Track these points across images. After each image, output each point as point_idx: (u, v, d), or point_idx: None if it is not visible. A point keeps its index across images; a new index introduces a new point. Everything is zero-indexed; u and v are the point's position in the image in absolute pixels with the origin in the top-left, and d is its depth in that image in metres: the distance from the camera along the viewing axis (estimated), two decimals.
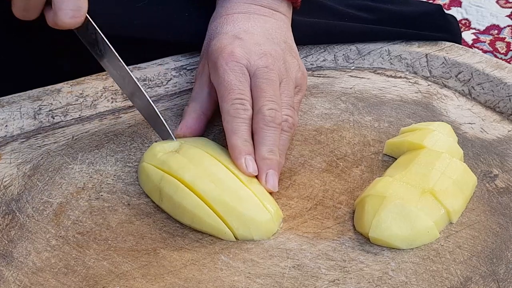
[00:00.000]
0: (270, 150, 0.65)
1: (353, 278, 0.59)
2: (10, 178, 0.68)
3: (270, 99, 0.66)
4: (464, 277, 0.59)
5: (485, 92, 0.79)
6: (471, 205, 0.66)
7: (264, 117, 0.65)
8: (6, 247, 0.61)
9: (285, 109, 0.68)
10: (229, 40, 0.69)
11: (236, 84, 0.66)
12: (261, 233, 0.62)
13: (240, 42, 0.69)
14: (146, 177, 0.66)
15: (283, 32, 0.73)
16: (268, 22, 0.72)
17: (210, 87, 0.71)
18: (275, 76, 0.68)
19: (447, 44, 0.85)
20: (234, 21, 0.72)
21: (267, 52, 0.69)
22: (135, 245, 0.62)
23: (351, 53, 0.85)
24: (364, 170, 0.70)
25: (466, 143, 0.73)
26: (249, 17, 0.72)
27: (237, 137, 0.65)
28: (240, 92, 0.66)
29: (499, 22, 1.32)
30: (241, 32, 0.70)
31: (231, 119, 0.66)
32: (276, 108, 0.66)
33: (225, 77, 0.67)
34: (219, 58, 0.68)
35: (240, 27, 0.71)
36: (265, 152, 0.65)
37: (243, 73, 0.67)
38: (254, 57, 0.68)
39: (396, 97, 0.80)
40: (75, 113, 0.76)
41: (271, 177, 0.65)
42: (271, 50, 0.69)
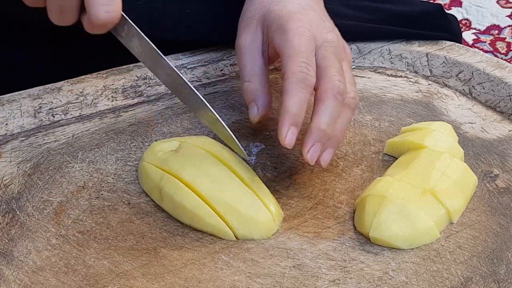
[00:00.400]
0: (328, 122, 0.63)
1: (354, 278, 0.59)
2: (10, 177, 0.68)
3: (339, 72, 0.65)
4: (464, 277, 0.59)
5: (486, 92, 0.79)
6: (472, 205, 0.66)
7: (334, 87, 0.63)
8: (6, 246, 0.61)
9: (350, 86, 0.67)
10: (297, 8, 0.68)
11: (307, 47, 0.65)
12: (261, 233, 0.62)
13: (307, 13, 0.68)
14: (146, 177, 0.66)
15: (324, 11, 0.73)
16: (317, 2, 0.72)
17: (265, 57, 0.69)
18: (339, 52, 0.67)
19: (447, 44, 0.85)
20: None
21: (331, 29, 0.68)
22: (136, 244, 0.62)
23: (351, 52, 0.84)
24: (365, 169, 0.70)
25: (467, 142, 0.73)
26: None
27: (294, 102, 0.62)
28: (308, 57, 0.64)
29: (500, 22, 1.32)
30: (305, 6, 0.69)
31: (295, 81, 0.63)
32: (344, 81, 0.64)
33: (295, 39, 0.65)
34: (289, 21, 0.66)
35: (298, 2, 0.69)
36: (323, 123, 0.63)
37: (311, 41, 0.66)
38: (322, 30, 0.67)
39: (397, 96, 0.80)
40: (76, 111, 0.76)
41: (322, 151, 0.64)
42: (331, 28, 0.69)
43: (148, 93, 0.78)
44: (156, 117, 0.76)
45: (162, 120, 0.75)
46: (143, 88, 0.79)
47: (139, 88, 0.78)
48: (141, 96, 0.78)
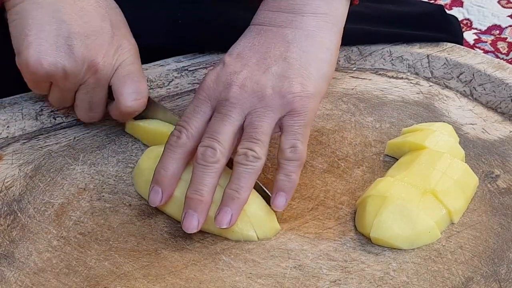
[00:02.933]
0: (194, 189, 0.60)
1: (355, 279, 0.59)
2: (12, 179, 0.68)
3: (211, 135, 0.61)
4: (465, 277, 0.59)
5: (487, 93, 0.79)
6: (473, 205, 0.66)
7: (197, 153, 0.61)
8: (7, 247, 0.61)
9: (245, 142, 0.61)
10: (217, 64, 0.66)
11: (188, 112, 0.64)
12: (264, 232, 0.62)
13: (220, 68, 0.64)
14: (146, 182, 0.65)
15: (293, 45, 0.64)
16: (277, 36, 0.65)
17: None
18: (233, 111, 0.62)
19: (448, 45, 0.85)
20: (243, 37, 0.67)
21: (236, 82, 0.62)
22: (137, 246, 0.62)
23: (352, 54, 0.85)
24: (366, 170, 0.70)
25: (468, 143, 0.73)
26: (260, 32, 0.66)
27: (158, 164, 0.63)
28: (185, 120, 0.63)
29: (501, 22, 1.32)
30: (233, 55, 0.65)
31: (167, 143, 0.63)
32: (211, 145, 0.61)
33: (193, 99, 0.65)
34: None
35: (239, 46, 0.66)
36: (188, 191, 0.61)
37: (202, 103, 0.64)
38: (220, 88, 0.63)
39: (398, 98, 0.80)
40: None
41: (186, 219, 0.60)
42: (243, 80, 0.63)
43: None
44: None
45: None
46: None
47: None
48: None
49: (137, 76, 0.69)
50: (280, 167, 0.63)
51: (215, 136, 0.61)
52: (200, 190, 0.60)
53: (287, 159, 0.62)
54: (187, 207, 0.60)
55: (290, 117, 0.63)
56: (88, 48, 0.66)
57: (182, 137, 0.63)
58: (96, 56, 0.66)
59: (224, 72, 0.64)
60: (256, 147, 0.61)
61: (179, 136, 0.63)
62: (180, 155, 0.62)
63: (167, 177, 0.62)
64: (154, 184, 0.62)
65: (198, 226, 0.60)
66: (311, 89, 0.63)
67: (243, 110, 0.62)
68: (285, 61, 0.64)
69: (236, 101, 0.62)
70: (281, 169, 0.62)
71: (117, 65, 0.67)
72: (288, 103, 0.62)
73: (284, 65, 0.64)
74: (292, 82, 0.63)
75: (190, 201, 0.60)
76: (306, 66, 0.64)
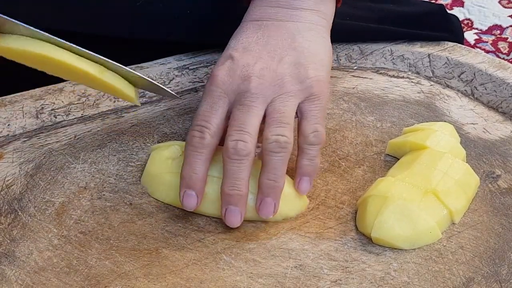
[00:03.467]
0: (231, 184, 0.61)
1: (355, 279, 0.59)
2: (12, 177, 0.68)
3: (238, 128, 0.61)
4: (466, 278, 0.59)
5: (488, 93, 0.79)
6: (474, 205, 0.66)
7: (227, 149, 0.61)
8: (8, 246, 0.61)
9: (274, 128, 0.62)
10: (223, 60, 0.65)
11: (205, 110, 0.63)
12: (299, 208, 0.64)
13: (230, 63, 0.65)
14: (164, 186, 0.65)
15: (298, 36, 0.66)
16: (280, 29, 0.67)
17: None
18: (255, 102, 0.62)
19: (449, 44, 0.85)
20: (242, 33, 0.68)
21: (253, 74, 0.63)
22: (137, 245, 0.62)
23: (353, 53, 0.85)
24: (367, 170, 0.70)
25: (469, 143, 0.73)
26: (260, 26, 0.67)
27: (185, 167, 0.62)
28: (204, 118, 0.63)
29: (502, 22, 1.32)
30: (239, 49, 0.66)
31: (186, 146, 0.63)
32: (242, 138, 0.61)
33: (202, 100, 0.64)
34: (208, 79, 0.65)
35: (243, 42, 0.66)
36: (225, 187, 0.61)
37: (219, 99, 0.63)
38: (237, 81, 0.63)
39: (399, 97, 0.80)
40: (78, 112, 0.76)
41: (229, 214, 0.62)
42: (260, 70, 0.64)
43: (150, 94, 0.78)
44: (158, 118, 0.76)
45: (164, 121, 0.75)
46: None
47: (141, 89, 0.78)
48: (143, 97, 0.78)
49: None
50: (303, 152, 0.64)
51: (243, 128, 0.61)
52: (238, 185, 0.61)
53: (310, 144, 0.64)
54: (227, 203, 0.61)
55: (309, 102, 0.64)
56: None
57: (206, 137, 0.62)
58: None
59: (236, 65, 0.64)
60: (286, 131, 0.62)
61: (202, 137, 0.62)
62: (206, 156, 0.62)
63: (199, 180, 0.62)
64: (186, 189, 0.62)
65: (241, 220, 0.62)
66: (324, 74, 0.66)
67: (265, 99, 0.63)
68: (295, 50, 0.66)
69: (258, 91, 0.63)
70: (303, 154, 0.64)
71: None
72: (306, 88, 0.64)
73: (295, 54, 0.65)
74: (307, 68, 0.65)
75: (230, 198, 0.61)
76: (315, 54, 0.66)
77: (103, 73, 0.59)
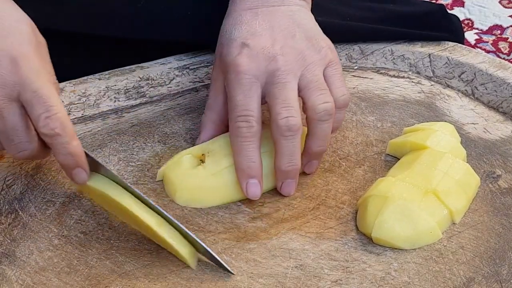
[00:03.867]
0: (288, 161, 0.64)
1: (356, 279, 0.59)
2: (13, 177, 0.68)
3: (284, 105, 0.63)
4: (467, 278, 0.59)
5: (488, 92, 0.79)
6: (474, 205, 0.66)
7: (278, 127, 0.63)
8: (9, 246, 0.61)
9: (318, 96, 0.65)
10: (238, 50, 0.66)
11: (241, 100, 0.64)
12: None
13: (247, 50, 0.66)
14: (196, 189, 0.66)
15: (296, 16, 0.70)
16: (277, 13, 0.69)
17: (225, 94, 0.69)
18: (288, 76, 0.65)
19: (450, 44, 0.85)
20: (242, 22, 0.69)
21: (277, 53, 0.66)
22: (138, 245, 0.62)
23: (354, 53, 0.85)
24: (367, 170, 0.70)
25: (469, 143, 0.73)
26: (257, 13, 0.69)
27: (240, 159, 0.64)
28: (244, 108, 0.64)
29: (502, 22, 1.32)
30: (248, 37, 0.67)
31: (234, 138, 0.64)
32: (291, 114, 0.63)
33: (231, 92, 0.65)
34: (229, 71, 0.66)
35: (247, 30, 0.68)
36: (282, 164, 0.64)
37: (251, 85, 0.65)
38: (263, 63, 0.65)
39: (399, 97, 0.80)
40: (78, 112, 0.76)
41: (286, 187, 0.66)
42: (280, 49, 0.66)
43: (150, 94, 0.78)
44: (158, 118, 0.76)
45: (165, 120, 0.75)
46: (146, 89, 0.79)
47: (142, 89, 0.79)
48: (144, 97, 0.78)
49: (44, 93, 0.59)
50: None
51: (288, 104, 0.64)
52: (294, 160, 0.64)
53: (340, 107, 0.67)
54: (284, 177, 0.65)
55: (330, 68, 0.68)
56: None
57: (254, 125, 0.64)
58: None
59: (255, 50, 0.66)
60: (328, 97, 0.65)
61: (250, 125, 0.64)
62: (257, 143, 0.64)
63: (258, 167, 0.64)
64: (249, 179, 0.64)
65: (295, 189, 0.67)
66: (330, 42, 0.70)
67: (295, 74, 0.65)
68: (300, 27, 0.69)
69: (287, 68, 0.65)
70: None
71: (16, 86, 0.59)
72: (325, 56, 0.68)
73: (301, 30, 0.69)
74: (317, 39, 0.69)
75: (288, 173, 0.65)
76: (314, 28, 0.70)
77: (161, 226, 0.59)
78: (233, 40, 0.68)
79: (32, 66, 0.59)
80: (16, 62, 0.58)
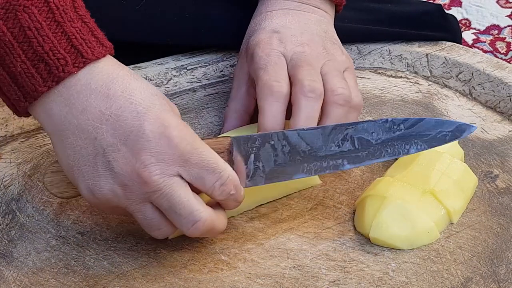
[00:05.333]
0: (304, 123, 0.63)
1: (354, 279, 0.59)
2: (10, 178, 0.68)
3: (309, 73, 0.65)
4: (464, 278, 0.59)
5: (486, 92, 0.79)
6: (472, 205, 0.66)
7: (303, 87, 0.64)
8: (6, 247, 0.61)
9: (338, 81, 0.66)
10: (267, 34, 0.69)
11: (271, 65, 0.66)
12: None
13: (277, 35, 0.69)
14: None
15: (323, 25, 0.73)
16: (308, 17, 0.72)
17: (249, 84, 0.70)
18: (313, 59, 0.67)
19: (447, 44, 0.85)
20: (272, 17, 0.72)
21: (304, 42, 0.69)
22: (135, 245, 0.62)
23: (351, 53, 0.84)
24: (365, 170, 0.70)
25: (467, 143, 0.73)
26: (288, 13, 0.72)
27: (265, 118, 0.64)
28: (275, 71, 0.65)
29: (499, 22, 1.32)
30: (278, 27, 0.70)
31: (263, 96, 0.64)
32: (316, 79, 0.65)
33: (260, 62, 0.66)
34: (256, 48, 0.68)
35: (277, 22, 0.71)
36: (300, 121, 0.63)
37: (279, 57, 0.67)
38: (291, 46, 0.68)
39: (397, 97, 0.80)
40: None
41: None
42: (308, 40, 0.69)
43: None
44: None
45: None
46: None
47: None
48: None
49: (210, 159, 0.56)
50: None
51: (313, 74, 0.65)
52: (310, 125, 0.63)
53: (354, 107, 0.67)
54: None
55: (348, 73, 0.69)
56: (124, 157, 0.55)
57: (284, 86, 0.65)
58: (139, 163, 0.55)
59: (286, 36, 0.69)
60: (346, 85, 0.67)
61: (281, 86, 0.65)
62: (284, 107, 0.65)
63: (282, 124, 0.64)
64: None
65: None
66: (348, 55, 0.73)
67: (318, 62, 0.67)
68: (326, 33, 0.72)
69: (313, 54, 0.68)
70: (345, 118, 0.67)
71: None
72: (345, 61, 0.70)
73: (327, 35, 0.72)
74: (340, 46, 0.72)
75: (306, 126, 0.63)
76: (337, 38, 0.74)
77: None
78: (263, 29, 0.70)
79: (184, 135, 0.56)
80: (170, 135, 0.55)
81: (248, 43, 0.71)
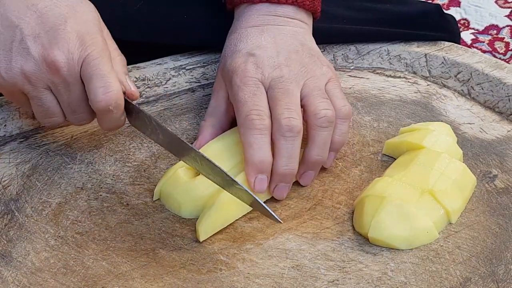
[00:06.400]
0: (286, 163, 0.64)
1: (352, 279, 0.59)
2: (9, 178, 0.68)
3: (286, 106, 0.65)
4: (463, 278, 0.59)
5: (485, 92, 0.79)
6: (471, 205, 0.66)
7: (281, 127, 0.64)
8: (5, 247, 0.61)
9: (320, 103, 0.66)
10: (243, 58, 0.69)
11: (250, 97, 0.66)
12: None
13: (253, 58, 0.68)
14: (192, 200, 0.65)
15: (299, 36, 0.72)
16: (283, 31, 0.72)
17: (227, 104, 0.70)
18: (291, 85, 0.67)
19: (446, 44, 0.85)
20: (247, 36, 0.71)
21: (281, 63, 0.68)
22: (134, 245, 0.62)
23: (350, 53, 0.85)
24: (363, 170, 0.70)
25: (466, 143, 0.73)
26: (263, 30, 0.71)
27: (252, 152, 0.64)
28: (254, 103, 0.65)
29: (498, 22, 1.32)
30: (254, 48, 0.69)
31: (246, 131, 0.64)
32: (293, 116, 0.64)
33: (239, 92, 0.66)
34: (233, 76, 0.67)
35: (253, 42, 0.70)
36: (280, 166, 0.64)
37: (257, 87, 0.66)
38: (268, 70, 0.67)
39: (396, 97, 0.80)
40: None
41: (279, 190, 0.65)
42: (285, 60, 0.68)
43: (146, 94, 0.78)
44: None
45: (161, 121, 0.75)
46: (142, 89, 0.79)
47: (138, 89, 0.78)
48: (140, 97, 0.78)
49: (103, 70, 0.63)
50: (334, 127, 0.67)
51: (290, 107, 0.65)
52: (292, 164, 0.64)
53: (342, 117, 0.68)
54: (279, 180, 0.65)
55: (331, 83, 0.69)
56: (44, 47, 0.62)
57: (266, 119, 0.65)
58: (54, 54, 0.62)
59: (261, 59, 0.68)
60: (329, 105, 0.66)
61: (262, 118, 0.65)
62: (269, 137, 0.65)
63: (269, 163, 0.64)
64: (259, 174, 0.64)
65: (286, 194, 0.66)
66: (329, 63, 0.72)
67: (298, 83, 0.67)
68: (303, 46, 0.71)
69: (291, 76, 0.67)
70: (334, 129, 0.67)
71: (80, 61, 0.63)
72: (326, 73, 0.70)
73: (304, 48, 0.71)
74: (319, 57, 0.71)
75: (284, 176, 0.65)
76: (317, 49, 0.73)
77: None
78: (239, 51, 0.70)
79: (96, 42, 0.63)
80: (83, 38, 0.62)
81: (225, 65, 0.70)
